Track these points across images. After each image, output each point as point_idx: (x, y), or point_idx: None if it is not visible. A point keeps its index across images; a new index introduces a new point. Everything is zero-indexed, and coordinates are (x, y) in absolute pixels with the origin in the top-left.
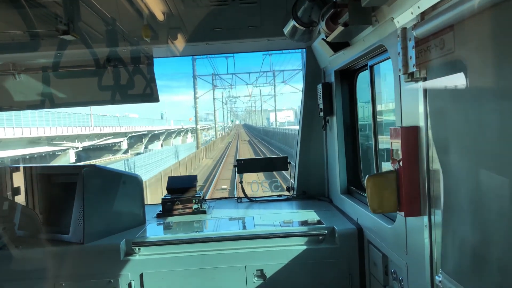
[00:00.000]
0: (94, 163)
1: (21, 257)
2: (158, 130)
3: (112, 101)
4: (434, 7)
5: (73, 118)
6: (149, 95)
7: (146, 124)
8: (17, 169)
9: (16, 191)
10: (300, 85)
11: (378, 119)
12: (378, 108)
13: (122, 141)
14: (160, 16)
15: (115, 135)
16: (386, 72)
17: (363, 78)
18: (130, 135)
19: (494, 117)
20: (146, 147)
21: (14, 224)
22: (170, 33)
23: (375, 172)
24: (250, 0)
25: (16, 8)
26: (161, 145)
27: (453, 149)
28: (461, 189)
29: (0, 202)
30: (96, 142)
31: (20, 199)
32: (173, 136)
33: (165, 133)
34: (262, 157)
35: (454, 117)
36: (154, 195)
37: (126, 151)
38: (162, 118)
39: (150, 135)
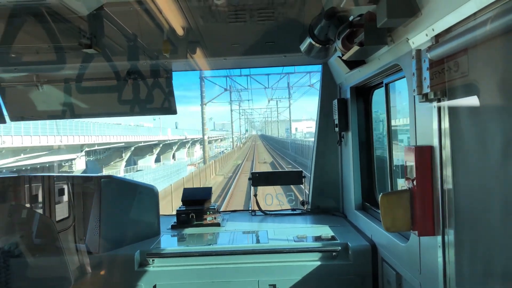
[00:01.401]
0: (110, 174)
1: (37, 265)
2: (146, 142)
3: (131, 113)
4: (448, 30)
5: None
6: (167, 107)
7: (130, 132)
8: (35, 178)
9: (34, 200)
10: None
11: (393, 136)
12: (393, 125)
13: (74, 159)
14: (179, 31)
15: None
16: (402, 90)
17: (378, 95)
18: (92, 148)
19: (506, 138)
20: (134, 164)
21: (32, 232)
22: (189, 47)
23: (389, 189)
24: (267, 17)
25: (41, 23)
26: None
27: (466, 168)
28: (474, 209)
29: (18, 210)
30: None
31: (38, 207)
32: (174, 148)
33: (160, 145)
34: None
35: (467, 137)
36: None
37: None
38: (176, 127)
39: (133, 148)
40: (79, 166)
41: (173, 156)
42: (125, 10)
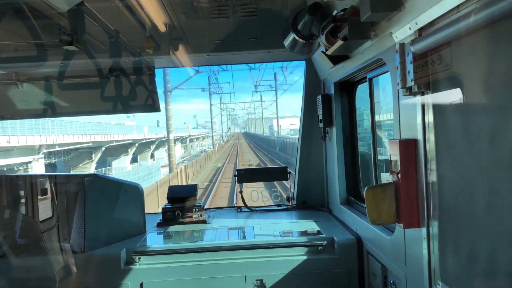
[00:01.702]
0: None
1: (22, 266)
2: (119, 141)
3: (114, 111)
4: (431, 23)
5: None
6: (151, 105)
7: (99, 131)
8: (17, 177)
9: (17, 200)
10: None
11: (377, 131)
12: (377, 119)
13: (30, 162)
14: (162, 28)
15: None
16: (385, 84)
17: (362, 90)
18: (52, 149)
19: (490, 131)
20: (109, 165)
21: (15, 233)
22: (171, 44)
23: (374, 183)
24: (250, 12)
25: (21, 19)
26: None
27: (450, 161)
28: (458, 201)
29: (1, 210)
30: None
31: (21, 207)
32: (152, 147)
33: (136, 144)
34: (263, 167)
35: (451, 130)
36: None
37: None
38: (158, 126)
39: (104, 148)
40: (37, 169)
41: (152, 156)
42: (106, 6)
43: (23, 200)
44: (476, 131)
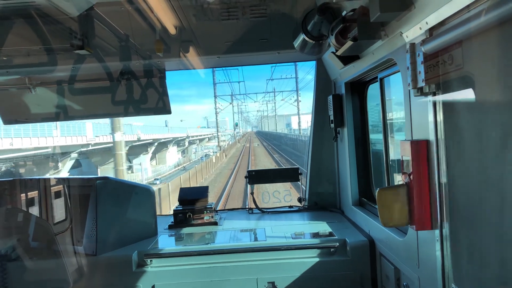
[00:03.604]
0: (107, 175)
1: (35, 268)
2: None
3: (125, 114)
4: (442, 23)
5: None
6: (162, 107)
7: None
8: (31, 180)
9: (30, 203)
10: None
11: (389, 131)
12: (389, 119)
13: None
14: (172, 30)
15: None
16: (396, 84)
17: (373, 90)
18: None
19: (503, 131)
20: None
21: (29, 236)
22: (182, 46)
23: (386, 184)
24: (260, 14)
25: (32, 25)
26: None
27: (463, 162)
28: (471, 202)
29: (15, 213)
30: None
31: (34, 210)
32: (150, 150)
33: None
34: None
35: (463, 131)
36: None
37: None
38: (166, 125)
39: (71, 154)
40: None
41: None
42: (116, 10)
43: (37, 203)
44: (489, 131)
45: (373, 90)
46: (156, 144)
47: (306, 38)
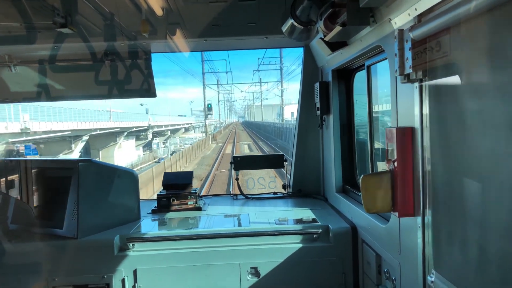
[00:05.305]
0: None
1: (14, 251)
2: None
3: (109, 96)
4: (431, 9)
5: None
6: (147, 90)
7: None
8: (11, 162)
9: (10, 185)
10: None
11: (374, 119)
12: (375, 108)
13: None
14: (159, 12)
15: None
16: (383, 72)
17: (360, 78)
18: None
19: (488, 119)
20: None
21: (7, 218)
22: (168, 28)
23: (370, 171)
24: None
25: (13, 0)
26: None
27: (447, 150)
28: (454, 190)
29: None
30: None
31: (14, 192)
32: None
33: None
34: (259, 154)
35: (449, 119)
36: None
37: None
38: (147, 113)
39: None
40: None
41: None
42: None
43: (16, 185)
44: (473, 118)
45: (359, 78)
46: (85, 136)
47: (295, 23)
